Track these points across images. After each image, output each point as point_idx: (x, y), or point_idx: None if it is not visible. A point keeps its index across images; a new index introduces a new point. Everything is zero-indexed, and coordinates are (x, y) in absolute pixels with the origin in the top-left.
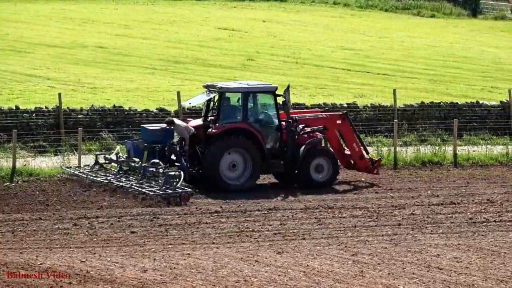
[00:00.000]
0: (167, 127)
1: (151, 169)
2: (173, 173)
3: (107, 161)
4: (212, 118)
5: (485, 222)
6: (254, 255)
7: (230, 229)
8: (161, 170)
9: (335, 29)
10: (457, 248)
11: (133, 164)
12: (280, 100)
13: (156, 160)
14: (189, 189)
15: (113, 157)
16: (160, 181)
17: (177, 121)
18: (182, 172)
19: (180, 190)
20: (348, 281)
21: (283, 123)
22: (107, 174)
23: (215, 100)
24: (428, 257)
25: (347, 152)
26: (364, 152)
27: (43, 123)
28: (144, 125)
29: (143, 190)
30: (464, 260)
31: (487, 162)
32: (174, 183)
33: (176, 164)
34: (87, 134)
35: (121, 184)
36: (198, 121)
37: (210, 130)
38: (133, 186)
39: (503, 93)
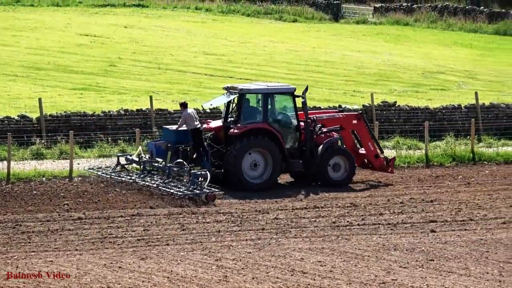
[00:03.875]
0: (180, 109)
1: (175, 169)
2: (199, 172)
3: (128, 162)
4: (232, 119)
5: (349, 226)
6: (117, 261)
7: (93, 236)
8: (187, 170)
9: (197, 34)
10: (321, 252)
11: (156, 164)
12: (299, 101)
13: (181, 160)
14: (215, 190)
15: (135, 158)
16: (185, 181)
17: (189, 109)
18: (208, 172)
19: (206, 190)
20: (212, 286)
21: (301, 123)
22: (130, 174)
23: (235, 102)
24: (292, 261)
25: (361, 151)
26: (379, 151)
27: None
28: (166, 126)
29: (170, 190)
30: (328, 264)
31: None
32: (200, 183)
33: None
34: None
35: (146, 183)
36: (218, 122)
37: (231, 130)
38: (159, 186)
39: (366, 97)
